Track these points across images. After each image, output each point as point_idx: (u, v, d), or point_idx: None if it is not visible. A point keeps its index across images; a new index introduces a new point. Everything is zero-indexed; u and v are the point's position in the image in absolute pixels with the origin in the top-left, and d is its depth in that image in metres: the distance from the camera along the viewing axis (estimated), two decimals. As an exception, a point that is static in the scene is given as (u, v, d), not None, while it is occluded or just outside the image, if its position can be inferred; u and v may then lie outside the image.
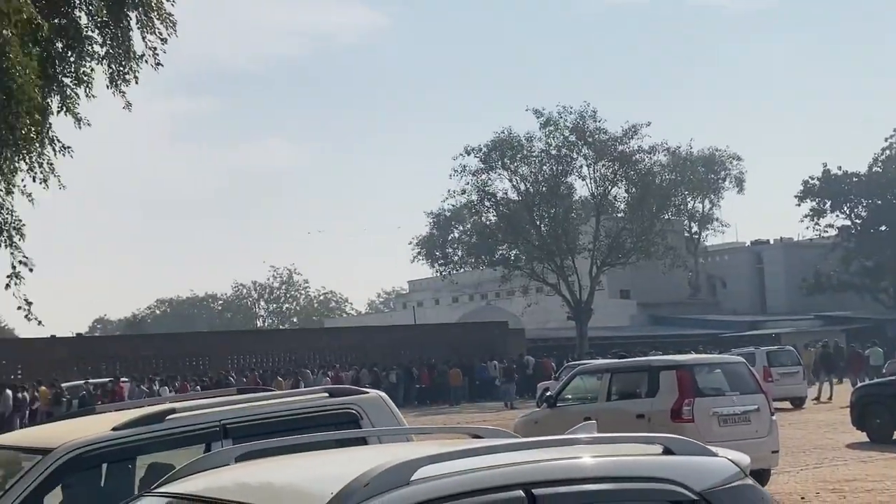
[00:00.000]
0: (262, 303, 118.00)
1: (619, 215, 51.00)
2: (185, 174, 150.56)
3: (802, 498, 12.31)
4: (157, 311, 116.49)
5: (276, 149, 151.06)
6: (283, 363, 41.90)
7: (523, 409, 27.40)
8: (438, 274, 64.71)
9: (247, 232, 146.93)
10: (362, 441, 5.36)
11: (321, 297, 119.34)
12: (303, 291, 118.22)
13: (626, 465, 3.35)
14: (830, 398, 30.04)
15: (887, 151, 65.62)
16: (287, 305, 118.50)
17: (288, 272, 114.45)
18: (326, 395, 5.95)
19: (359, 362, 41.45)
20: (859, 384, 23.81)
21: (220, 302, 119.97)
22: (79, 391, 30.83)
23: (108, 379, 32.95)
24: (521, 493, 3.03)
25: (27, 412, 29.69)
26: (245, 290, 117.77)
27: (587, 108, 48.01)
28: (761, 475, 13.11)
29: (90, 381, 32.34)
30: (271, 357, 42.81)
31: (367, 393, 6.11)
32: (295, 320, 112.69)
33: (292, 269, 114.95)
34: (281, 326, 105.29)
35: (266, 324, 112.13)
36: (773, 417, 13.17)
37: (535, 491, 3.05)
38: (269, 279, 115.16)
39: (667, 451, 3.52)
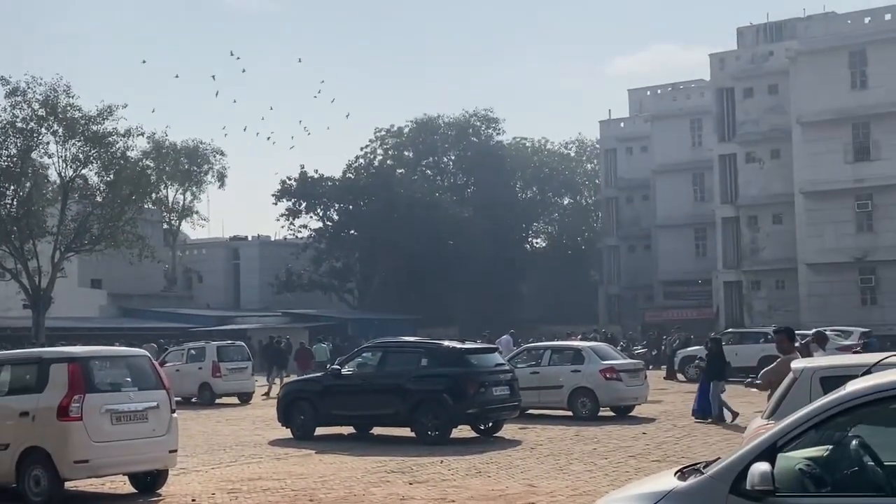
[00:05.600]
0: None
1: (94, 199, 48.07)
2: None
3: (194, 500, 11.66)
4: None
5: None
6: None
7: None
8: None
9: None
10: None
11: None
12: None
13: None
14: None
15: (361, 160, 69.81)
16: None
17: None
18: None
19: None
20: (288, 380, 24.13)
21: None
22: None
23: None
24: None
25: None
26: None
27: (60, 82, 44.78)
28: (159, 475, 12.36)
29: None
30: None
31: None
32: None
33: None
34: None
35: None
36: (175, 415, 12.37)
37: None
38: None
39: None
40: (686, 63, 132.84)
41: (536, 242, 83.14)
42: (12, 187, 45.37)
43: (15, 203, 45.30)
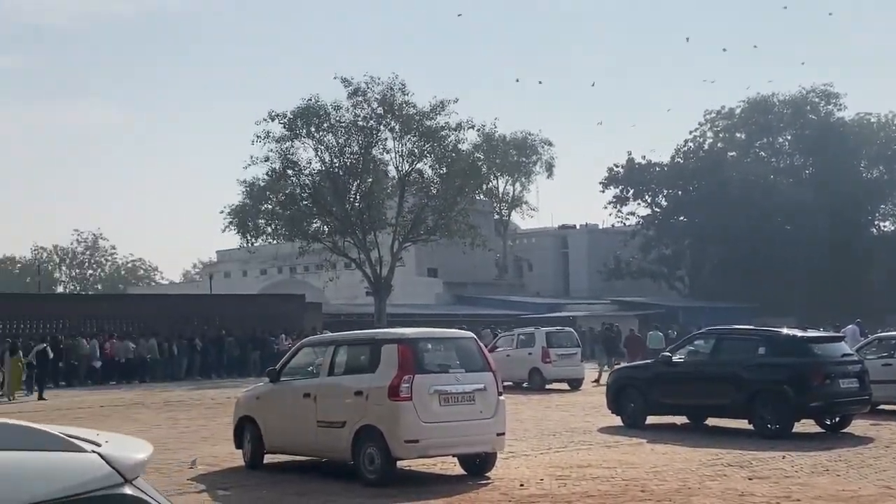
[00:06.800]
0: (63, 268, 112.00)
1: (429, 191, 50.17)
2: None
3: (521, 484, 11.48)
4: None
5: (85, 110, 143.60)
6: (62, 330, 38.56)
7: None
8: (247, 244, 62.20)
9: (51, 194, 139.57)
10: None
11: (129, 265, 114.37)
12: (109, 258, 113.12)
13: None
14: (609, 381, 30.08)
15: (690, 144, 67.80)
16: (91, 272, 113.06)
17: (93, 237, 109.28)
18: None
19: (150, 332, 39.04)
20: (617, 367, 23.47)
21: (19, 265, 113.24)
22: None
23: None
24: None
25: None
26: (45, 254, 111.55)
27: (395, 81, 46.99)
28: (487, 458, 12.33)
29: None
30: (53, 322, 39.23)
31: None
32: (99, 287, 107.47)
33: (98, 233, 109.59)
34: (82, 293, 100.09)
35: (67, 289, 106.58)
36: (501, 397, 12.28)
37: None
38: (72, 243, 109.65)
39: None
40: None
41: (884, 226, 76.77)
42: (355, 183, 48.24)
43: (358, 197, 48.18)
